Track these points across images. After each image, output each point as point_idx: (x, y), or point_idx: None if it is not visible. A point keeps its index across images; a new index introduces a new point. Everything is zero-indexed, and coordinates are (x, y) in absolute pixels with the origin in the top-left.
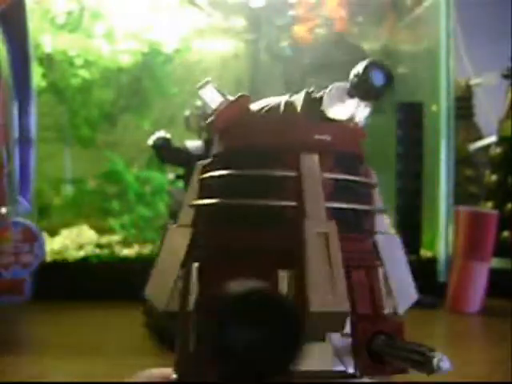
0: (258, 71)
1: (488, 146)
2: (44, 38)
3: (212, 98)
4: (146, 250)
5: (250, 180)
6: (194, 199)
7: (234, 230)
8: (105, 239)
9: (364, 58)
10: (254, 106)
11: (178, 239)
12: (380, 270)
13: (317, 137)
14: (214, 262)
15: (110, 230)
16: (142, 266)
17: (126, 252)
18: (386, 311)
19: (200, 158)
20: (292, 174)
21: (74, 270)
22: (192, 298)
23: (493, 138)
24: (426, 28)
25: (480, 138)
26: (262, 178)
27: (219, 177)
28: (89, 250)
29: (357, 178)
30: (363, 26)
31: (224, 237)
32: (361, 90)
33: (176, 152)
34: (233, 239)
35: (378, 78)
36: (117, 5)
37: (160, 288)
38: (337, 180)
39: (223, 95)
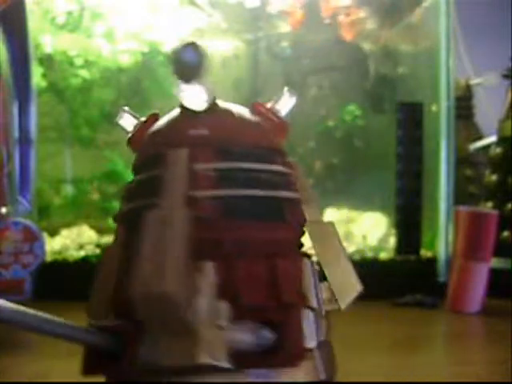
0: (258, 71)
1: (488, 146)
2: (44, 38)
3: (128, 123)
4: None
5: (141, 183)
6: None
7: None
8: (105, 239)
9: (364, 58)
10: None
11: (113, 260)
12: (307, 261)
13: (192, 132)
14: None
15: (110, 230)
16: None
17: None
18: (327, 305)
19: None
20: (158, 171)
21: (73, 270)
22: None
23: (493, 138)
24: (426, 28)
25: (480, 138)
26: (147, 180)
27: (130, 184)
28: (89, 250)
29: (253, 166)
30: (363, 26)
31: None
32: (177, 69)
33: None
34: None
35: (189, 56)
36: (117, 5)
37: (97, 307)
38: (222, 170)
39: (137, 118)
